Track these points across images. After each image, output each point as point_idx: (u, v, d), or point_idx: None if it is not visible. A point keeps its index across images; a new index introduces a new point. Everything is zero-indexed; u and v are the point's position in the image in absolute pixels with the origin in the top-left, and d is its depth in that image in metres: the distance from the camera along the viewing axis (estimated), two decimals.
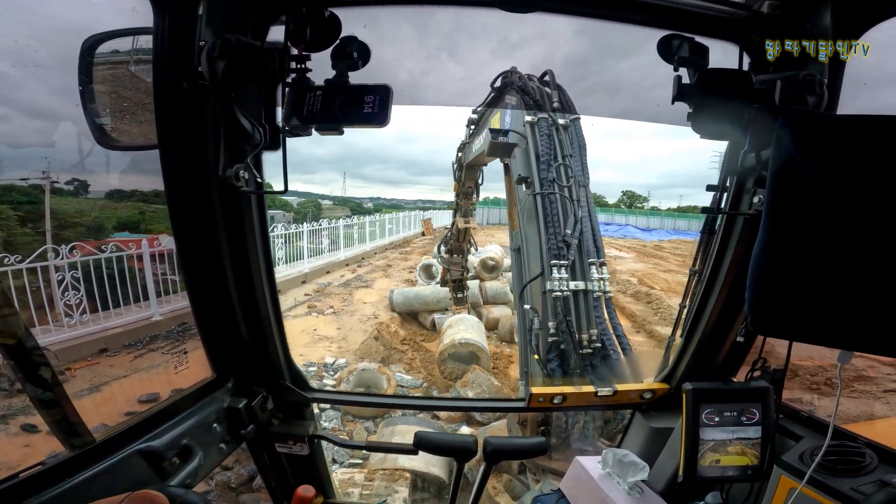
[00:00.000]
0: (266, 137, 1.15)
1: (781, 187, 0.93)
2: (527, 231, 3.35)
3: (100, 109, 1.15)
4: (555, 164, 3.29)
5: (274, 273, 1.48)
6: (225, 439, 1.43)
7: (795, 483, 1.36)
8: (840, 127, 0.91)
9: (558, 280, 3.00)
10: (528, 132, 3.42)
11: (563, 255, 3.09)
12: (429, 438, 1.54)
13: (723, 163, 1.33)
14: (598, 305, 3.09)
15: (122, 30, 1.15)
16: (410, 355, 7.80)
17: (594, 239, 3.30)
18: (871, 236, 0.85)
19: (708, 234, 1.58)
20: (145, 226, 9.27)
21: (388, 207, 39.36)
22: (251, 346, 1.53)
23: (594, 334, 2.96)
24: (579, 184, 3.34)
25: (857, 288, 0.88)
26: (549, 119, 3.42)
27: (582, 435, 3.02)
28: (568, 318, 2.91)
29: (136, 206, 9.78)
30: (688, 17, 1.22)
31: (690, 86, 1.15)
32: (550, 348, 2.90)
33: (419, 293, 9.61)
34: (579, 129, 3.54)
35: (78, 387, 4.93)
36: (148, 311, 6.72)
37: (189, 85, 1.09)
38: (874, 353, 0.96)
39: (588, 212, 3.34)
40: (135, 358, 5.96)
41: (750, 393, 1.59)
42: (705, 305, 1.62)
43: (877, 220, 0.84)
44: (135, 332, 6.38)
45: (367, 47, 1.17)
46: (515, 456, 1.60)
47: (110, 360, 5.66)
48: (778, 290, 0.95)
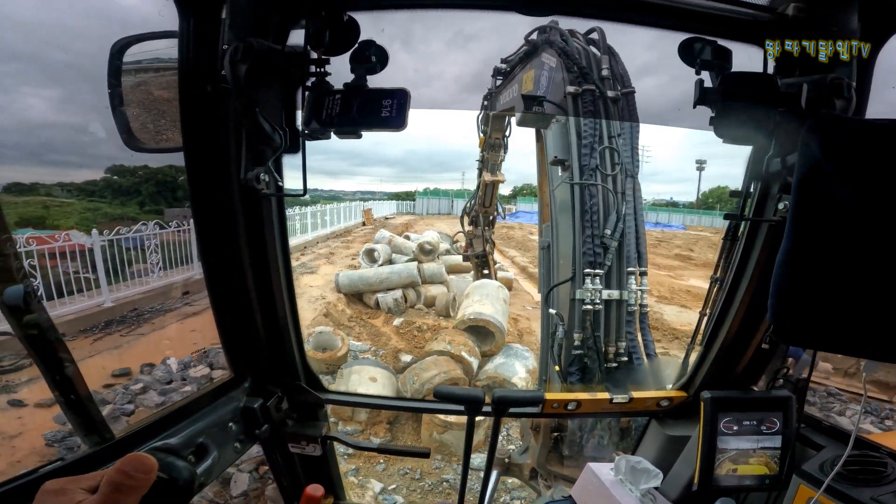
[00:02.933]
0: (286, 140, 1.17)
1: (807, 193, 0.91)
2: (559, 225, 2.91)
3: (128, 112, 1.17)
4: (599, 148, 2.76)
5: (292, 275, 1.49)
6: (240, 438, 1.44)
7: (814, 492, 1.33)
8: (869, 131, 0.89)
9: (591, 291, 2.65)
10: (570, 105, 2.79)
11: (600, 261, 2.69)
12: (446, 392, 1.66)
13: (747, 168, 1.30)
14: (632, 320, 2.80)
15: (149, 33, 1.17)
16: (358, 330, 8.84)
17: (637, 242, 2.84)
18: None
19: (731, 240, 1.55)
20: (51, 221, 8.97)
21: (326, 199, 38.46)
22: (268, 347, 1.55)
23: (622, 347, 2.72)
24: (626, 173, 2.81)
25: (883, 298, 0.85)
26: (597, 91, 2.78)
27: (598, 445, 2.83)
28: (597, 333, 2.66)
29: (39, 201, 9.60)
30: (709, 19, 1.21)
31: (713, 90, 1.13)
32: (573, 361, 2.69)
33: (363, 275, 10.57)
34: (633, 104, 2.88)
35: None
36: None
37: (213, 88, 1.11)
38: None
39: (634, 208, 2.84)
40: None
41: (771, 402, 1.55)
42: (727, 313, 1.59)
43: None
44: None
45: (385, 51, 1.18)
46: (518, 404, 1.69)
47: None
48: (802, 298, 0.93)
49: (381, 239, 12.87)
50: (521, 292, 12.82)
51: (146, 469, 0.51)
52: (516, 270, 15.87)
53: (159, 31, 1.16)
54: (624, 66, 2.92)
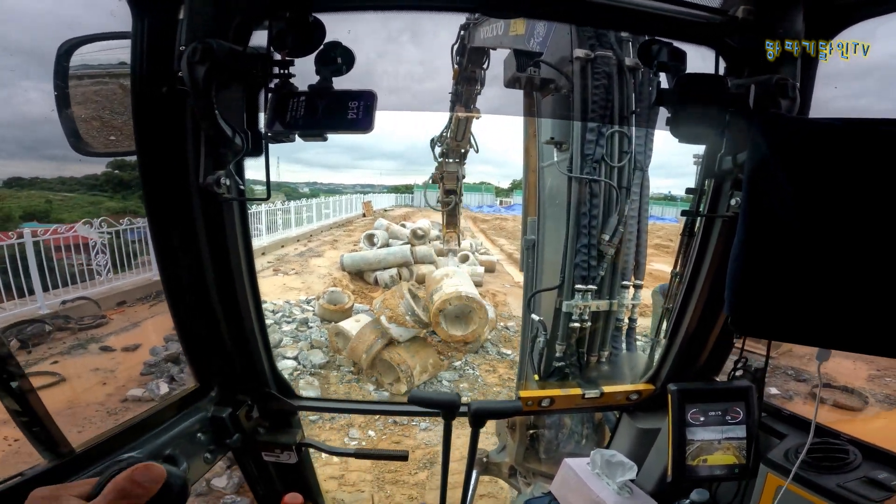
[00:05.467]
0: (248, 144, 1.14)
1: (756, 189, 0.95)
2: (547, 220, 2.52)
3: (76, 115, 1.12)
4: (608, 132, 2.21)
5: (257, 281, 1.46)
6: (210, 448, 1.41)
7: (782, 481, 1.38)
8: (811, 130, 0.94)
9: (579, 306, 2.31)
10: (577, 73, 2.09)
11: (594, 275, 2.31)
12: (421, 396, 1.62)
13: (701, 166, 1.35)
14: (619, 334, 2.57)
15: (100, 34, 1.13)
16: (359, 301, 10.27)
17: (637, 252, 2.44)
18: (843, 236, 0.87)
19: (688, 236, 1.59)
20: (55, 214, 9.36)
21: (326, 192, 38.21)
22: (235, 355, 1.51)
23: (604, 356, 2.52)
24: (635, 165, 2.31)
25: (833, 287, 0.90)
26: (613, 58, 2.07)
27: (570, 440, 2.79)
28: (581, 349, 2.44)
29: (41, 195, 9.93)
30: (667, 22, 1.24)
31: (669, 90, 1.17)
32: (553, 372, 2.47)
33: (364, 256, 12.21)
34: (655, 76, 1.92)
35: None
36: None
37: (169, 90, 1.07)
38: (851, 350, 0.98)
39: (639, 210, 2.38)
40: None
41: (733, 392, 1.61)
42: (687, 306, 1.64)
43: (848, 220, 0.86)
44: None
45: (351, 53, 1.16)
46: (496, 416, 1.66)
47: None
48: (756, 290, 0.96)
49: (380, 226, 14.33)
50: (502, 273, 14.35)
51: (155, 478, 0.51)
52: (503, 256, 17.42)
53: (111, 32, 1.12)
54: None
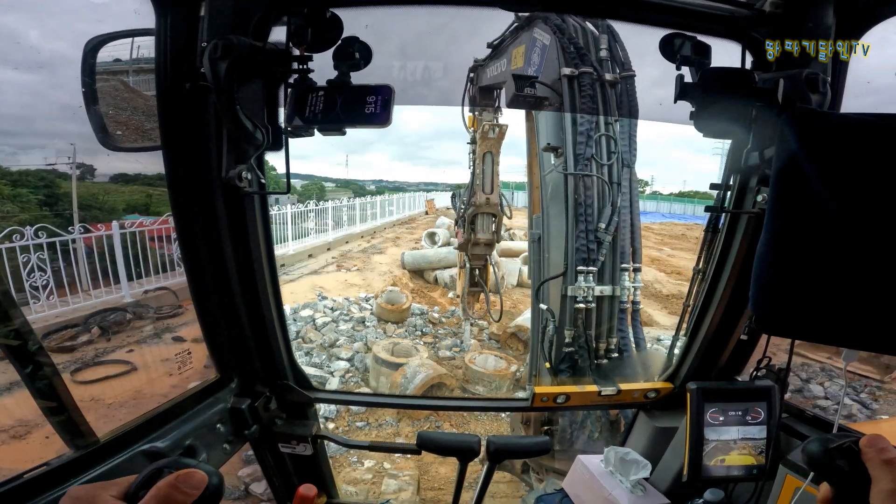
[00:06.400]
0: (269, 138, 1.16)
1: (785, 185, 0.93)
2: (551, 216, 2.81)
3: (103, 111, 1.15)
4: (595, 135, 2.62)
5: (277, 274, 1.48)
6: (229, 440, 1.43)
7: (801, 482, 1.35)
8: (843, 125, 0.91)
9: (583, 288, 2.56)
10: (565, 88, 2.60)
11: (594, 258, 2.60)
12: (432, 438, 1.54)
13: (726, 161, 1.32)
14: (624, 316, 2.75)
15: (125, 31, 1.15)
16: (417, 300, 10.39)
17: (633, 237, 2.75)
18: (874, 234, 0.85)
19: (712, 232, 1.56)
20: (154, 208, 9.76)
21: (391, 189, 39.10)
22: (255, 347, 1.53)
23: (613, 343, 2.68)
24: (623, 162, 2.69)
25: (862, 286, 0.87)
26: (595, 74, 2.59)
27: (588, 439, 2.81)
28: (588, 331, 2.61)
29: (142, 190, 10.54)
30: (690, 15, 1.22)
31: (693, 85, 1.15)
32: (564, 358, 2.64)
33: (425, 254, 12.37)
34: (632, 89, 2.70)
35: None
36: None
37: (191, 86, 1.09)
38: (879, 351, 0.96)
39: (630, 200, 2.72)
40: None
41: (754, 392, 1.58)
42: (709, 304, 1.61)
43: (880, 218, 0.84)
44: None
45: (368, 48, 1.17)
46: (519, 455, 1.58)
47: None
48: (782, 288, 0.94)
49: (441, 225, 14.60)
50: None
51: (197, 485, 0.52)
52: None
53: (135, 29, 1.14)
54: (624, 47, 2.69)
